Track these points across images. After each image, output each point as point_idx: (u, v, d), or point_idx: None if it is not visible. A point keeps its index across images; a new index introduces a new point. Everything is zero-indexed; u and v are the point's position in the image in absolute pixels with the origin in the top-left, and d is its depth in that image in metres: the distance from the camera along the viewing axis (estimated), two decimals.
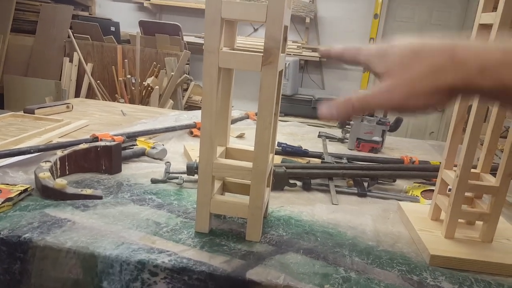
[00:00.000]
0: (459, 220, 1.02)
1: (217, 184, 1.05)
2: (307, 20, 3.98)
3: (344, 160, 1.47)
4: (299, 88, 4.30)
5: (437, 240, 1.01)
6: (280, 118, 3.50)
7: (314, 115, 4.05)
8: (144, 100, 3.57)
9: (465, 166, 0.96)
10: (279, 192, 1.31)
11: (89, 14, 4.54)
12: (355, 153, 1.87)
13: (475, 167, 1.11)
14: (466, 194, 1.06)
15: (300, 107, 4.00)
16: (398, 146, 2.09)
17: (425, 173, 1.42)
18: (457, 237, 1.02)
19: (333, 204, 1.26)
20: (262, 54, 0.87)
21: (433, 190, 1.38)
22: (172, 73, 3.61)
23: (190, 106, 4.08)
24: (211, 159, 0.93)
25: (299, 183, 1.37)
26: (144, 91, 3.55)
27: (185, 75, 3.70)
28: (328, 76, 4.45)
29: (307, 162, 1.48)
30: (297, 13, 3.95)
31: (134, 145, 1.49)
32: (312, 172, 1.34)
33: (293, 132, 2.22)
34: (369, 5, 4.03)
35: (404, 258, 0.96)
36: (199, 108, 4.31)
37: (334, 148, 1.93)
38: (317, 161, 1.52)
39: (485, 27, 0.96)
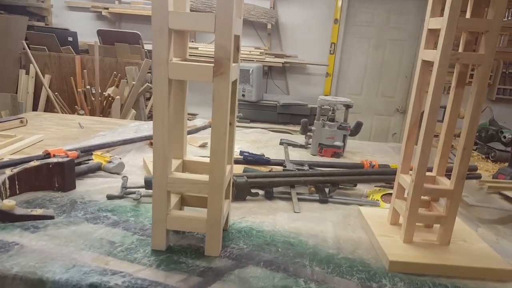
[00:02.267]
0: (418, 224, 1.04)
1: (175, 199, 1.01)
2: (269, 26, 4.00)
3: (306, 167, 1.47)
4: (264, 94, 4.31)
5: (396, 245, 1.01)
6: (245, 124, 3.47)
7: (280, 121, 4.06)
8: (105, 111, 3.45)
9: (420, 171, 0.97)
10: (241, 203, 1.28)
11: (46, 25, 4.35)
12: (318, 158, 1.88)
13: (431, 169, 1.14)
14: (423, 197, 1.08)
15: (266, 113, 4.01)
16: (360, 150, 2.12)
17: (385, 177, 1.44)
18: (416, 241, 1.03)
19: (295, 212, 1.25)
20: (212, 65, 0.85)
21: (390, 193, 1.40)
22: (133, 83, 3.51)
23: None
24: (166, 173, 0.90)
25: (261, 192, 1.35)
26: (104, 102, 3.43)
27: (147, 84, 3.61)
28: (292, 81, 4.49)
29: (269, 171, 1.47)
30: (258, 19, 3.97)
31: (90, 159, 1.42)
32: (274, 180, 1.33)
33: (257, 139, 2.20)
34: (329, 11, 4.12)
35: (364, 265, 0.96)
36: None
37: (297, 154, 1.93)
38: (279, 169, 1.51)
39: (434, 32, 0.99)
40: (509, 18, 3.87)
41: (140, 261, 0.88)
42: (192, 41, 4.31)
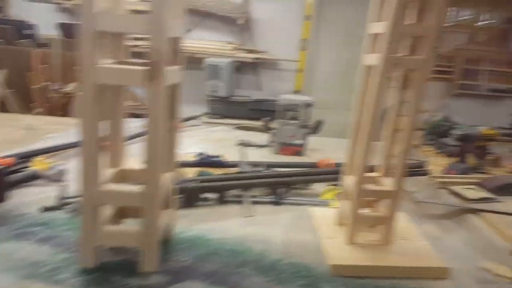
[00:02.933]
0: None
1: (109, 211, 0.96)
2: (240, 21, 3.94)
3: (262, 168, 1.45)
4: (235, 90, 4.26)
5: (339, 247, 1.01)
6: (216, 120, 3.37)
7: (251, 116, 4.01)
8: (65, 109, 3.30)
9: (360, 173, 0.97)
10: (190, 209, 1.25)
11: (4, 16, 4.13)
12: (277, 158, 1.86)
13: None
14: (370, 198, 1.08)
15: (237, 109, 3.97)
16: (323, 147, 2.12)
17: (336, 176, 1.44)
18: (360, 242, 1.04)
19: (247, 216, 1.23)
20: (144, 68, 0.81)
21: None
22: None
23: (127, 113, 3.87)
24: (94, 186, 0.84)
25: (214, 196, 1.32)
26: (64, 99, 3.28)
27: None
28: (265, 77, 4.46)
29: (225, 173, 1.44)
30: (228, 14, 3.90)
31: (27, 167, 1.32)
32: (226, 184, 1.30)
33: (223, 137, 2.17)
34: (300, 7, 4.09)
35: (308, 270, 0.96)
36: (134, 115, 4.10)
37: (260, 153, 1.91)
38: (235, 171, 1.48)
39: (376, 36, 0.98)
40: (469, 16, 3.96)
41: (66, 282, 0.82)
42: None
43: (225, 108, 4.01)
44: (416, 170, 1.58)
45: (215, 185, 1.27)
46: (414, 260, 0.97)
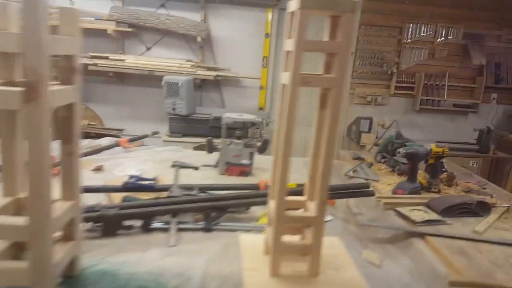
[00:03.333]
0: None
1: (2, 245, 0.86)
2: (198, 39, 3.92)
3: (195, 192, 1.37)
4: (197, 108, 4.19)
5: (261, 281, 0.94)
6: (176, 139, 3.28)
7: (212, 134, 3.94)
8: None
9: (280, 196, 0.91)
10: (110, 239, 1.15)
11: None
12: (222, 179, 1.79)
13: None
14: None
15: (198, 127, 3.89)
16: (269, 165, 2.06)
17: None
18: (285, 273, 0.96)
19: (170, 246, 1.14)
20: (21, 89, 0.73)
21: None
22: None
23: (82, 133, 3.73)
24: None
25: (139, 223, 1.23)
26: None
27: None
28: (227, 94, 4.43)
29: (155, 198, 1.35)
30: (188, 32, 3.88)
31: None
32: (151, 210, 1.21)
33: (167, 158, 2.07)
34: (260, 25, 4.12)
35: None
36: (85, 134, 3.95)
37: (202, 175, 1.83)
38: (165, 194, 1.40)
39: (287, 53, 0.94)
40: (428, 33, 4.10)
41: None
42: (120, 53, 4.12)
43: (185, 126, 3.94)
44: (362, 190, 1.54)
45: (137, 211, 1.18)
46: None
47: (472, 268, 1.12)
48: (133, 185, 1.32)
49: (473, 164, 3.98)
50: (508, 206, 1.63)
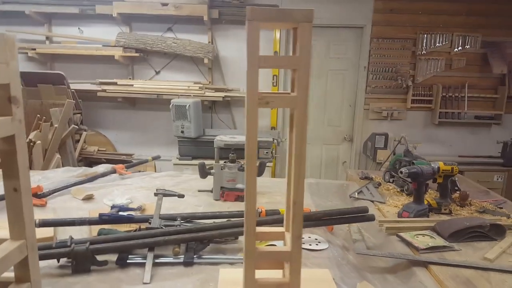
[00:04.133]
0: None
1: None
2: (205, 61, 3.95)
3: (178, 222, 1.31)
4: (207, 130, 4.19)
5: None
6: (185, 162, 3.27)
7: (222, 156, 3.91)
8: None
9: (250, 228, 0.84)
10: (82, 275, 1.11)
11: None
12: (217, 205, 1.73)
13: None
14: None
15: (207, 149, 3.87)
16: (270, 190, 1.99)
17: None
18: None
19: (144, 283, 1.09)
20: None
21: (274, 245, 1.26)
22: (56, 125, 3.33)
23: (86, 158, 3.80)
24: None
25: (115, 258, 1.18)
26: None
27: (73, 125, 3.44)
28: (238, 115, 4.41)
29: (135, 230, 1.31)
30: (195, 54, 3.92)
31: None
32: (127, 244, 1.16)
33: (163, 184, 2.04)
34: (268, 43, 4.12)
35: None
36: (96, 160, 4.01)
37: (196, 200, 1.78)
38: (144, 225, 1.35)
39: None
40: (444, 43, 3.96)
41: None
42: (130, 78, 4.21)
43: (195, 149, 3.94)
44: (361, 215, 1.44)
45: (110, 246, 1.14)
46: None
47: None
48: (109, 217, 1.28)
49: (497, 179, 3.75)
50: None
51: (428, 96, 4.11)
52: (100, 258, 1.15)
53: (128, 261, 1.17)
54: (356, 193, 1.93)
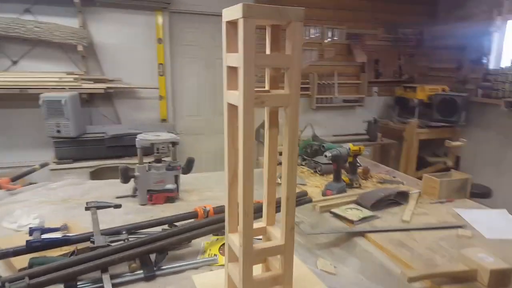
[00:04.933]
0: None
1: None
2: (79, 48, 3.52)
3: (124, 235, 1.20)
4: (88, 127, 3.78)
5: None
6: (66, 166, 2.87)
7: (109, 155, 3.62)
8: None
9: (246, 235, 0.84)
10: None
11: None
12: (146, 210, 1.63)
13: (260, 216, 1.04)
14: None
15: (91, 149, 3.51)
16: (196, 186, 1.97)
17: (221, 225, 1.30)
18: None
19: None
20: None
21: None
22: None
23: None
24: None
25: None
26: None
27: None
28: (122, 108, 4.09)
29: (72, 252, 1.14)
30: (65, 41, 3.44)
31: None
32: (75, 270, 1.02)
33: (68, 196, 1.80)
34: (150, 30, 3.92)
35: None
36: None
37: (123, 209, 1.63)
38: (87, 245, 1.19)
39: (234, 69, 0.88)
40: (317, 34, 4.45)
41: None
42: None
43: (76, 150, 3.52)
44: (300, 198, 1.56)
45: (55, 276, 0.98)
46: None
47: (415, 258, 1.22)
48: (41, 243, 1.09)
49: (366, 152, 4.48)
50: (420, 192, 1.85)
51: (306, 84, 4.57)
52: None
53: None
54: (279, 178, 2.06)
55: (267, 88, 0.94)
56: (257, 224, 1.03)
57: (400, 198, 1.73)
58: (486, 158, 4.29)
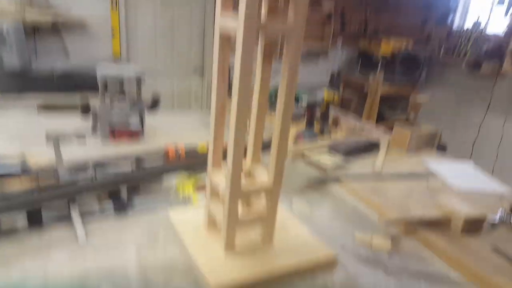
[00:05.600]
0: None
1: None
2: None
3: (91, 170, 1.12)
4: (34, 61, 3.45)
5: (216, 260, 0.85)
6: (9, 100, 2.61)
7: (58, 91, 3.36)
8: None
9: (235, 172, 0.80)
10: None
11: None
12: (108, 148, 1.53)
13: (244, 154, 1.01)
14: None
15: (38, 84, 3.23)
16: (162, 125, 1.87)
17: (195, 165, 1.25)
18: (239, 246, 0.89)
19: (80, 243, 0.92)
20: None
21: None
22: None
23: None
24: None
25: (22, 223, 0.94)
26: None
27: None
28: (72, 42, 3.74)
29: (36, 187, 1.05)
30: None
31: None
32: (37, 198, 0.94)
33: (20, 131, 1.64)
34: None
35: None
36: None
37: (84, 146, 1.53)
38: (51, 179, 1.10)
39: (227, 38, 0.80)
40: None
41: None
42: None
43: (21, 83, 3.24)
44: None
45: (15, 203, 0.90)
46: (301, 257, 0.90)
47: (389, 204, 1.27)
48: None
49: None
50: (388, 141, 1.90)
51: None
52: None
53: (42, 223, 0.96)
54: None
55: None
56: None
57: (371, 147, 1.77)
58: (442, 116, 4.53)
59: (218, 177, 0.88)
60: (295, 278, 0.87)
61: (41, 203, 0.94)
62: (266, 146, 1.17)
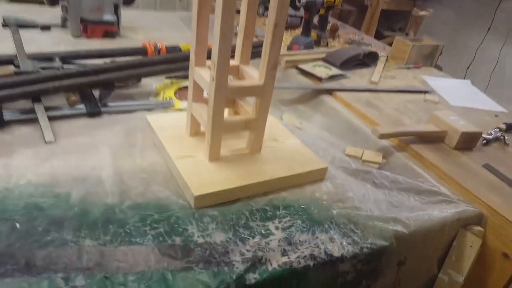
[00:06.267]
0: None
1: None
2: None
3: (58, 63, 1.00)
4: None
5: (200, 168, 0.79)
6: None
7: None
8: None
9: (221, 67, 0.70)
10: None
11: None
12: (79, 43, 1.39)
13: (232, 56, 0.90)
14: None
15: None
16: (141, 23, 1.71)
17: (176, 65, 1.14)
18: (224, 154, 0.84)
19: (46, 142, 0.85)
20: None
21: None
22: None
23: None
24: None
25: None
26: None
27: None
28: None
29: None
30: None
31: None
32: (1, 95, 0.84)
33: None
34: None
35: (161, 210, 0.71)
36: None
37: (49, 38, 1.37)
38: (9, 70, 0.98)
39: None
40: None
41: None
42: None
43: None
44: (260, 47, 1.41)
45: None
46: (291, 166, 0.85)
47: (383, 117, 1.21)
48: None
49: None
50: (387, 56, 1.79)
51: None
52: None
53: (4, 119, 0.87)
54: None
55: None
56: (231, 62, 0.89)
57: (369, 59, 1.66)
58: (440, 38, 4.34)
59: (202, 78, 0.79)
60: (283, 188, 0.83)
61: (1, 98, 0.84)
62: (257, 46, 1.06)
